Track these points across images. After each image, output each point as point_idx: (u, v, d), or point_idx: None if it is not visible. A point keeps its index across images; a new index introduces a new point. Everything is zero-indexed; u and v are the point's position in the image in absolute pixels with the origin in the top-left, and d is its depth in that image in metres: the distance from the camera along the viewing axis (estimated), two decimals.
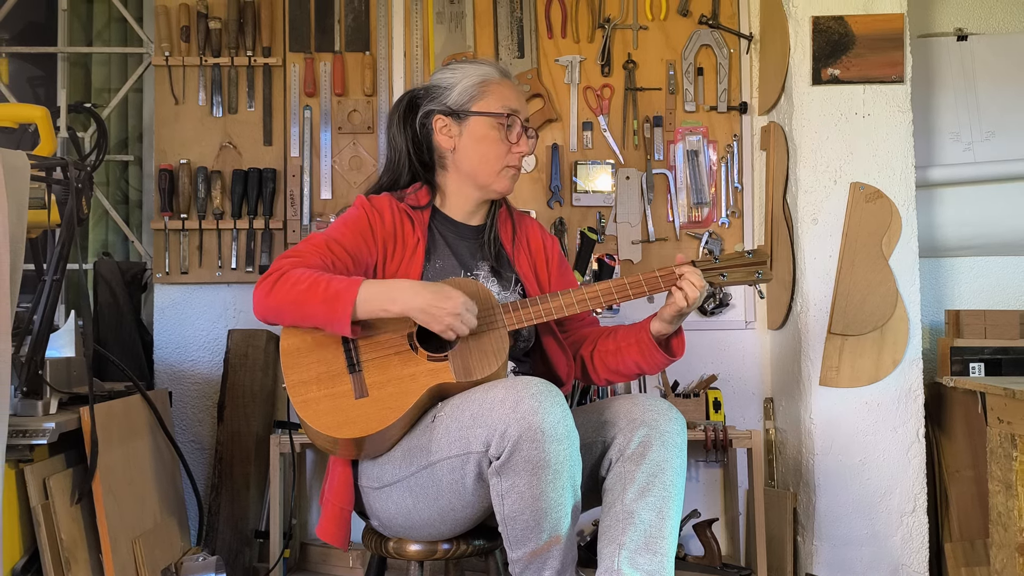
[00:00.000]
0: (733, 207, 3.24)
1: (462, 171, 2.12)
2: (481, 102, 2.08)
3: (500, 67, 2.16)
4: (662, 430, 1.85)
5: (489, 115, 2.08)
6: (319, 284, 1.86)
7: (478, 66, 2.12)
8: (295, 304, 1.87)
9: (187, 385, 3.21)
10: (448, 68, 2.15)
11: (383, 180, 2.19)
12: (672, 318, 2.01)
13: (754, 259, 2.05)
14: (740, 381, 3.26)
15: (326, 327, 1.88)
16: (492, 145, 2.08)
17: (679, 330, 2.09)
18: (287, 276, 1.89)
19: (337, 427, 1.86)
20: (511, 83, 2.14)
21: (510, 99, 2.10)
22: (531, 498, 1.72)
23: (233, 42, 3.19)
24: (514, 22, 3.24)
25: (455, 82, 2.10)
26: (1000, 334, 3.06)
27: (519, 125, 2.10)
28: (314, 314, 1.86)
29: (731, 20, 3.26)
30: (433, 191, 2.16)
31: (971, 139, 3.24)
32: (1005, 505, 2.34)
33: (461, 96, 2.09)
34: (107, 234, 3.50)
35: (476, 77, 2.10)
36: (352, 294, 1.84)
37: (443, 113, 2.10)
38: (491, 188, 2.12)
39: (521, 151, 2.10)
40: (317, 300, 1.85)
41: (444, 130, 2.11)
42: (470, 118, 2.08)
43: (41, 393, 2.29)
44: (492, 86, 2.09)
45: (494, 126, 2.08)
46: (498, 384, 1.79)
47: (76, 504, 2.30)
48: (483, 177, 2.10)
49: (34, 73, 3.57)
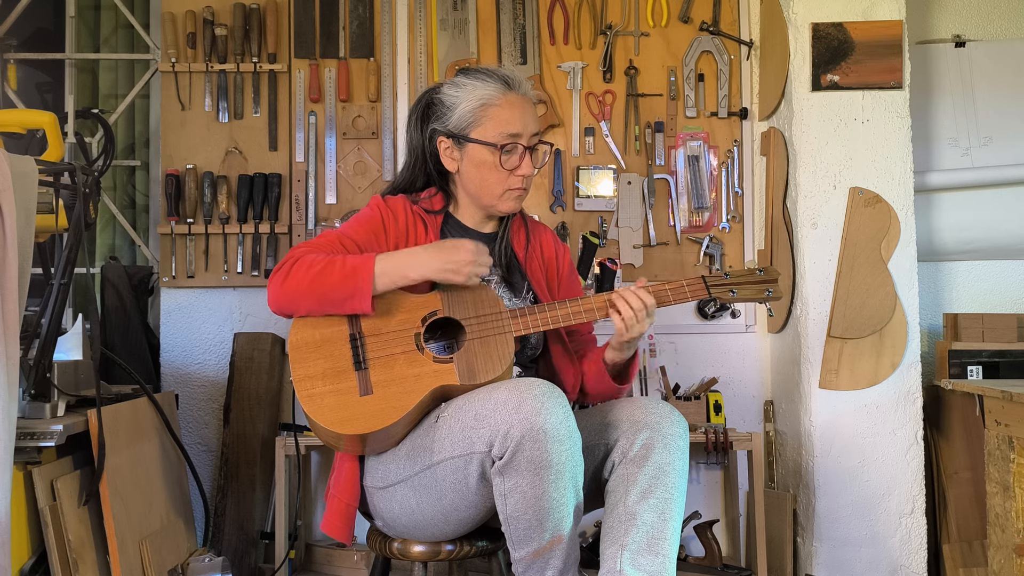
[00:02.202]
0: (733, 212, 3.26)
1: (467, 191, 2.12)
2: (479, 128, 2.04)
3: (509, 79, 2.08)
4: (664, 433, 1.86)
5: (487, 144, 2.03)
6: (334, 263, 1.89)
7: (484, 84, 2.05)
8: (312, 286, 1.89)
9: (193, 388, 3.24)
10: (455, 83, 2.09)
11: (400, 180, 2.19)
12: (619, 345, 2.02)
13: (765, 277, 2.07)
14: (740, 384, 3.28)
15: (345, 305, 1.90)
16: (492, 171, 2.05)
17: (635, 357, 2.10)
18: (301, 261, 1.91)
19: (341, 423, 1.88)
20: (517, 98, 2.06)
21: (512, 122, 2.04)
22: (533, 498, 1.74)
23: (239, 48, 3.22)
24: (517, 29, 3.26)
25: (456, 104, 2.06)
26: (998, 337, 3.07)
27: (520, 149, 2.05)
28: (332, 294, 1.89)
29: (731, 27, 3.28)
30: (447, 198, 2.16)
31: (969, 144, 3.26)
32: (1003, 507, 2.36)
33: (460, 120, 2.05)
34: (114, 238, 3.51)
35: (476, 100, 2.04)
36: (369, 268, 1.87)
37: (444, 135, 2.08)
38: (495, 208, 2.11)
39: (523, 174, 2.06)
40: (335, 279, 1.87)
41: (447, 152, 2.09)
42: (469, 144, 2.06)
43: (49, 396, 2.30)
44: (492, 110, 2.04)
45: (493, 152, 2.04)
46: (501, 385, 1.81)
47: (83, 506, 2.31)
48: (486, 199, 2.10)
49: (42, 79, 3.58)
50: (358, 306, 1.89)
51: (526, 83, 2.11)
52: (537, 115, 2.12)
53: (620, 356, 2.05)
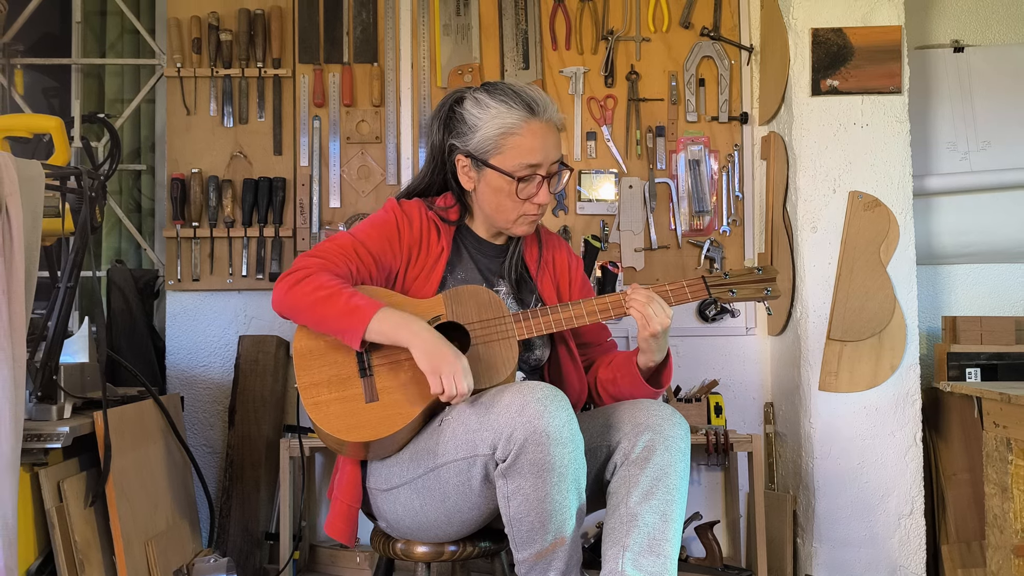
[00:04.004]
0: (734, 215, 3.28)
1: (481, 209, 2.11)
2: (499, 156, 2.00)
3: (534, 104, 2.01)
4: (666, 435, 1.87)
5: (504, 173, 2.00)
6: (340, 296, 1.88)
7: (508, 110, 2.00)
8: (312, 308, 1.89)
9: (199, 390, 3.25)
10: (478, 101, 2.03)
11: (416, 183, 2.17)
12: (648, 346, 2.00)
13: (763, 276, 2.07)
14: (741, 386, 3.30)
15: (338, 334, 1.90)
16: (508, 198, 2.03)
17: (667, 360, 2.07)
18: (311, 279, 1.91)
19: (347, 430, 1.89)
20: (540, 126, 2.01)
21: (533, 151, 1.99)
22: (536, 500, 1.75)
23: (244, 54, 3.24)
24: (519, 34, 3.28)
25: (478, 126, 2.01)
26: (996, 340, 3.07)
27: (538, 179, 2.02)
28: (329, 322, 1.89)
29: (732, 32, 3.30)
30: (462, 208, 2.15)
31: (967, 149, 3.27)
32: (1001, 508, 2.36)
33: (481, 144, 2.01)
34: (120, 242, 3.52)
35: (497, 128, 1.99)
36: (368, 316, 1.86)
37: (464, 154, 2.05)
38: (508, 231, 2.10)
39: (540, 203, 2.03)
40: (335, 311, 1.87)
41: (465, 170, 2.07)
42: (487, 169, 2.03)
43: (55, 398, 2.31)
44: (514, 139, 1.99)
45: (510, 182, 2.01)
46: (505, 388, 1.82)
47: (90, 507, 2.32)
48: (500, 222, 2.09)
49: (49, 84, 3.59)
50: (348, 341, 1.89)
51: (552, 106, 2.05)
52: (560, 140, 2.08)
53: (651, 359, 2.02)
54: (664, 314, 1.96)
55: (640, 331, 1.98)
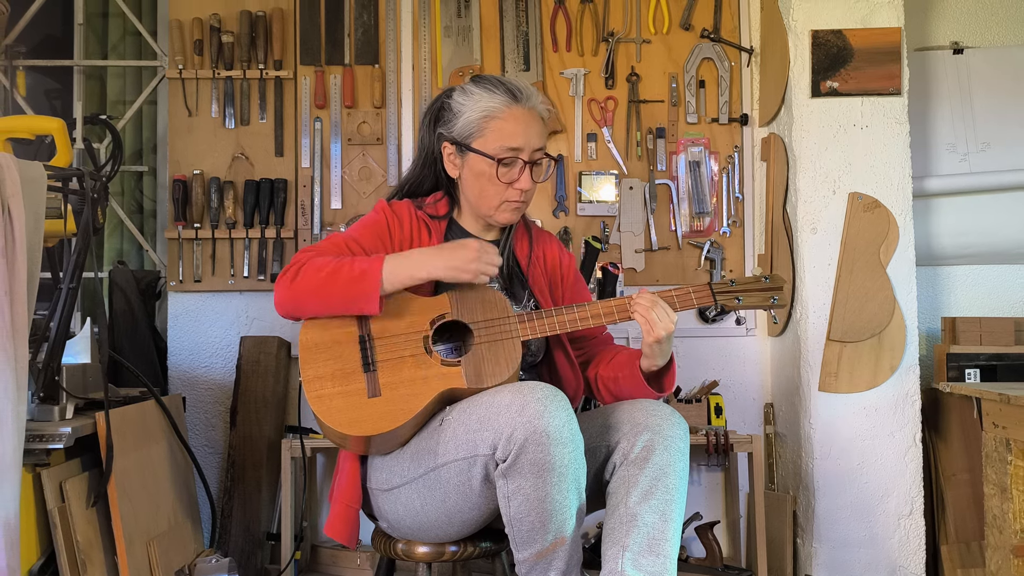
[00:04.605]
0: (734, 216, 3.29)
1: (467, 198, 2.13)
2: (480, 139, 2.04)
3: (516, 91, 2.06)
4: (665, 435, 1.87)
5: (485, 156, 2.03)
6: (343, 266, 1.91)
7: (490, 95, 2.04)
8: (320, 288, 1.91)
9: (200, 391, 3.26)
10: (464, 90, 2.08)
11: (407, 179, 2.20)
12: (651, 351, 1.99)
13: (770, 284, 2.07)
14: (741, 387, 3.31)
15: (353, 306, 1.91)
16: (489, 183, 2.05)
17: (671, 364, 2.06)
18: (309, 264, 1.94)
19: (348, 424, 1.90)
20: (522, 111, 2.05)
21: (515, 135, 2.03)
22: (536, 500, 1.75)
23: (245, 55, 3.25)
24: (520, 36, 3.29)
25: (462, 111, 2.05)
26: (995, 341, 3.08)
27: (519, 164, 2.04)
28: (341, 296, 1.91)
29: (732, 34, 3.31)
30: (452, 203, 2.17)
31: (967, 150, 3.28)
32: (1000, 508, 2.37)
33: (464, 129, 2.05)
34: (122, 243, 3.53)
35: (480, 111, 2.03)
36: (377, 270, 1.89)
37: (449, 141, 2.09)
38: (492, 219, 2.12)
39: (521, 188, 2.05)
40: (343, 281, 1.89)
41: (450, 158, 2.10)
42: (470, 153, 2.06)
43: (58, 398, 2.31)
44: (495, 122, 2.03)
45: (491, 164, 2.03)
46: (504, 388, 1.82)
47: (92, 507, 2.32)
48: (483, 210, 2.10)
49: (51, 86, 3.60)
50: (366, 307, 1.91)
51: (536, 96, 2.08)
52: (544, 129, 2.10)
53: (654, 363, 2.02)
54: (668, 319, 1.96)
55: (644, 336, 1.98)
